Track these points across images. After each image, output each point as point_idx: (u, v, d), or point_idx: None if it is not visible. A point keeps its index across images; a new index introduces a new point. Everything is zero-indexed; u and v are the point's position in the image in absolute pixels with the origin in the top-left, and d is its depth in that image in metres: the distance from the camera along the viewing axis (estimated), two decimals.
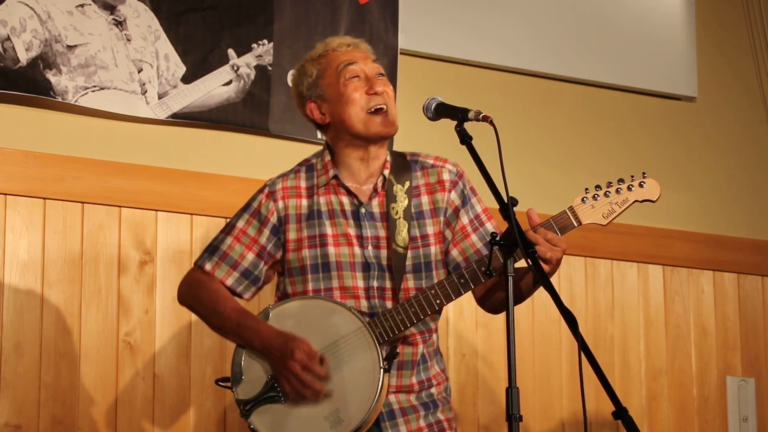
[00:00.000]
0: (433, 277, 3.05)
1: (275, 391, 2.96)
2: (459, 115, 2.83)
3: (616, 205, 2.99)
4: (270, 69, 4.03)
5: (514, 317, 2.60)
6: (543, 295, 2.78)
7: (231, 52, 3.97)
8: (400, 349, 3.00)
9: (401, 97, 4.03)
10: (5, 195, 3.63)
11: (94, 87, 3.75)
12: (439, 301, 2.95)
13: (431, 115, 2.95)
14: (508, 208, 2.66)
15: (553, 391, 4.37)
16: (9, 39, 3.63)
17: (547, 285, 2.64)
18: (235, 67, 3.97)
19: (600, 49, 4.69)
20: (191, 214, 3.87)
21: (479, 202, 3.12)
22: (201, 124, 3.94)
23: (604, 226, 2.99)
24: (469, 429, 4.17)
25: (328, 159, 3.10)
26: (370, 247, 3.03)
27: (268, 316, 3.02)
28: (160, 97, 3.85)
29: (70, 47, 3.73)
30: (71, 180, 3.71)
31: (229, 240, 3.10)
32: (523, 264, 2.71)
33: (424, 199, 3.09)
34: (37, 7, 3.69)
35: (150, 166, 3.83)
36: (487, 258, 2.88)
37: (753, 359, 4.79)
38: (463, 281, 2.94)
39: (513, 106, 4.52)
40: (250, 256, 3.09)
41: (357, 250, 3.03)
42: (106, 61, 3.78)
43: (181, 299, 3.17)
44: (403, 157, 3.14)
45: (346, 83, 3.05)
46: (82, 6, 3.77)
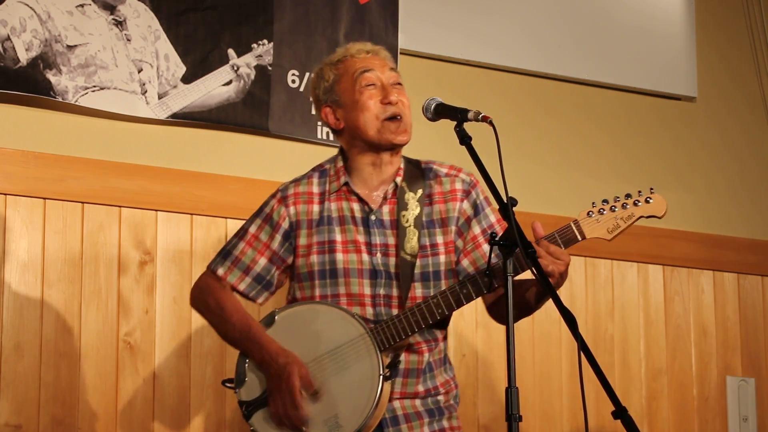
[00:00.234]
0: (442, 286, 3.02)
1: None
2: (458, 115, 2.83)
3: (622, 220, 2.97)
4: (270, 69, 4.03)
5: None
6: None
7: (231, 52, 3.97)
8: (405, 357, 2.98)
9: None
10: (5, 195, 3.63)
11: (94, 87, 3.75)
12: (440, 311, 2.93)
13: (431, 116, 2.95)
14: (507, 208, 2.65)
15: (553, 391, 4.37)
16: (9, 39, 3.63)
17: (547, 285, 2.64)
18: (235, 67, 3.97)
19: (599, 49, 4.68)
20: (191, 214, 3.86)
21: (493, 213, 3.08)
22: (201, 124, 3.93)
23: (608, 241, 2.98)
24: (469, 429, 4.16)
25: (340, 165, 3.10)
26: (378, 255, 3.02)
27: (273, 319, 3.02)
28: (160, 97, 3.85)
29: (70, 47, 3.72)
30: (71, 180, 3.71)
31: (241, 245, 3.11)
32: (530, 275, 2.70)
33: (436, 207, 3.07)
34: (37, 7, 3.69)
35: (150, 166, 3.83)
36: (487, 257, 2.88)
37: (753, 359, 4.79)
38: (465, 291, 2.92)
39: (512, 106, 4.51)
40: (263, 261, 3.09)
41: (365, 257, 3.02)
42: (106, 61, 3.78)
43: (192, 303, 3.20)
44: (417, 165, 3.12)
45: (362, 90, 3.04)
46: (82, 6, 3.77)
